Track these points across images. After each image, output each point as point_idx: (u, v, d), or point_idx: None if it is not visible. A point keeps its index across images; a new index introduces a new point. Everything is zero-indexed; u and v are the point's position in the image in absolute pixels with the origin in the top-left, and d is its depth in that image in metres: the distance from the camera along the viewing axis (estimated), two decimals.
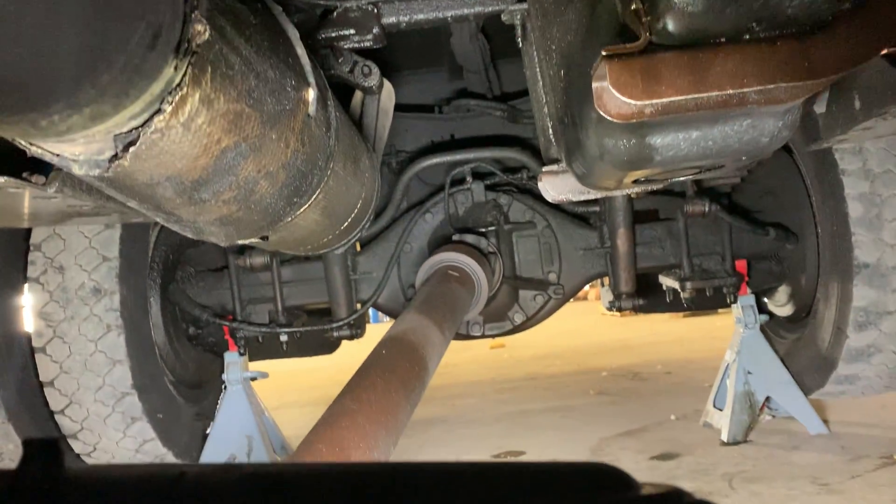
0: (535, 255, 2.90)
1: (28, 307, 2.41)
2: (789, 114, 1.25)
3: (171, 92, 0.84)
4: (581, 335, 7.30)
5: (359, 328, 2.85)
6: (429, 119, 3.11)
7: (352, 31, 1.82)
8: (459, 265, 2.45)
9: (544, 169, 1.93)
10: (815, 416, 2.76)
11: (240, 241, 1.51)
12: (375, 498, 0.42)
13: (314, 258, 2.85)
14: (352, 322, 2.79)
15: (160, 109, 0.84)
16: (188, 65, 0.83)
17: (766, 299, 3.21)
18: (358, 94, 2.12)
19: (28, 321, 2.41)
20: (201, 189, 1.07)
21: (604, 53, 1.02)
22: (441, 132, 3.13)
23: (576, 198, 1.94)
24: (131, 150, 0.86)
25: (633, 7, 1.01)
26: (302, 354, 3.41)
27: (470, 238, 2.74)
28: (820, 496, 2.13)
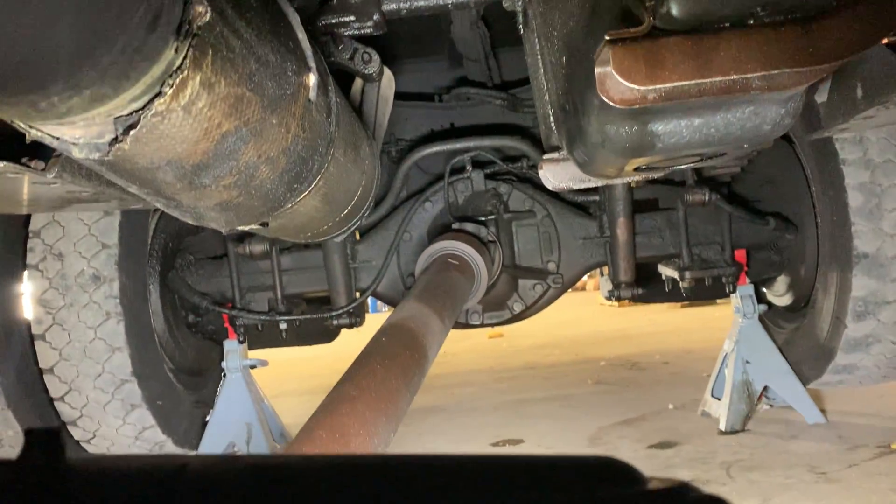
0: (534, 244, 2.90)
1: (27, 294, 2.40)
2: (792, 101, 1.25)
3: (171, 74, 0.83)
4: (579, 325, 7.31)
5: (358, 317, 2.85)
6: (429, 107, 3.10)
7: (352, 17, 1.81)
8: (459, 254, 2.45)
9: (545, 157, 1.92)
10: (813, 406, 2.77)
11: (240, 228, 1.50)
12: (379, 491, 0.41)
13: (314, 246, 2.84)
14: (351, 310, 2.80)
15: (161, 92, 0.83)
16: (189, 47, 0.83)
17: (764, 289, 3.21)
18: (358, 82, 2.11)
19: (27, 308, 2.41)
20: (202, 174, 1.06)
21: (607, 38, 1.01)
22: (441, 121, 3.12)
23: (576, 185, 1.93)
24: (132, 134, 0.86)
25: None
26: (301, 343, 3.42)
27: (469, 227, 2.73)
28: (817, 485, 2.14)
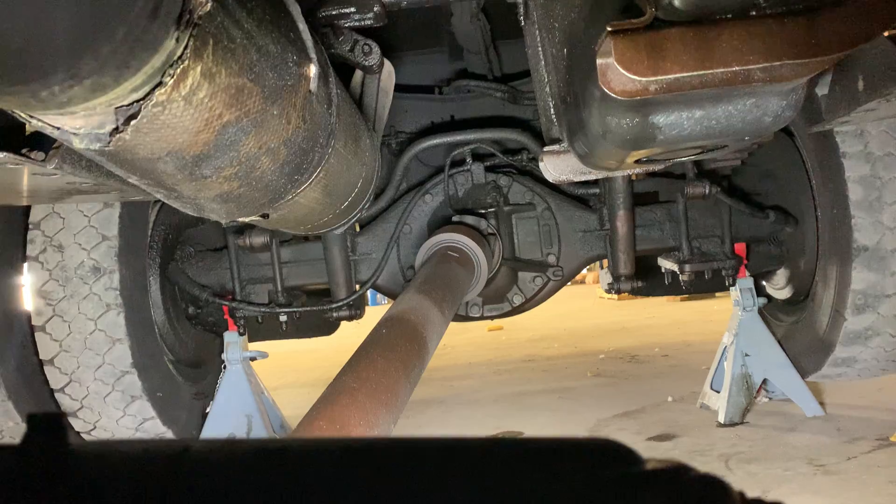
0: (534, 236, 2.90)
1: (27, 286, 2.40)
2: (793, 93, 1.24)
3: (172, 64, 0.83)
4: (578, 318, 7.32)
5: (358, 309, 2.86)
6: (429, 100, 3.09)
7: (352, 8, 1.80)
8: (459, 246, 2.45)
9: (545, 149, 1.92)
10: (812, 399, 2.78)
11: (240, 219, 1.50)
12: (380, 472, 0.42)
13: (314, 238, 2.84)
14: (351, 303, 2.80)
15: (161, 82, 0.83)
16: (190, 37, 0.82)
17: (764, 282, 3.21)
18: (358, 74, 2.10)
19: (27, 299, 2.41)
20: (202, 165, 1.06)
21: (609, 29, 1.01)
22: (441, 113, 3.12)
23: (577, 178, 1.93)
24: (132, 124, 0.86)
25: None
26: (301, 335, 3.42)
27: (469, 219, 2.73)
28: (816, 477, 2.15)
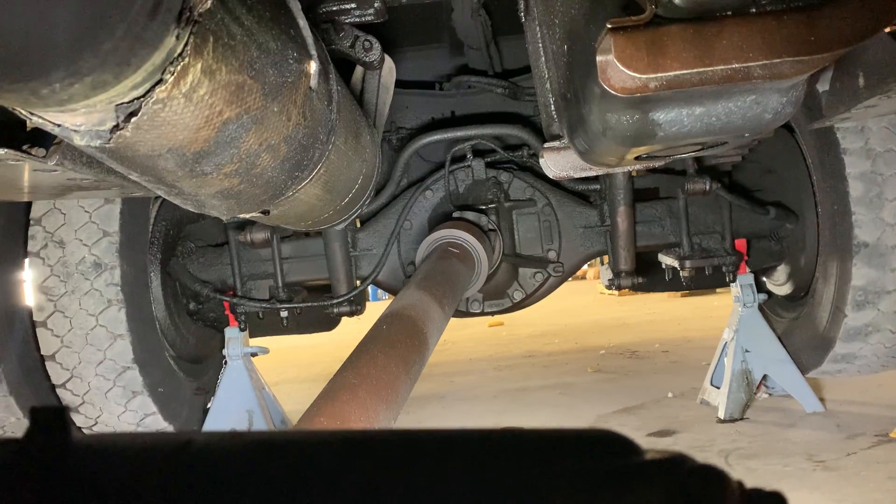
0: (534, 232, 2.90)
1: (28, 281, 2.41)
2: (793, 90, 1.24)
3: (172, 62, 0.83)
4: (579, 314, 7.32)
5: (358, 305, 2.86)
6: (429, 96, 3.09)
7: (353, 5, 1.80)
8: (459, 242, 2.45)
9: (546, 145, 1.92)
10: (812, 395, 2.78)
11: (241, 216, 1.50)
12: (380, 463, 0.42)
13: (314, 234, 2.85)
14: (352, 299, 2.80)
15: (162, 79, 0.83)
16: (190, 34, 0.82)
17: (764, 278, 3.21)
18: (358, 70, 2.10)
19: (29, 295, 2.41)
20: (203, 161, 1.06)
21: (609, 26, 1.01)
22: (442, 109, 3.12)
23: (577, 174, 1.93)
24: (133, 121, 0.86)
25: None
26: (302, 331, 3.43)
27: (470, 215, 2.74)
28: (815, 473, 2.15)
